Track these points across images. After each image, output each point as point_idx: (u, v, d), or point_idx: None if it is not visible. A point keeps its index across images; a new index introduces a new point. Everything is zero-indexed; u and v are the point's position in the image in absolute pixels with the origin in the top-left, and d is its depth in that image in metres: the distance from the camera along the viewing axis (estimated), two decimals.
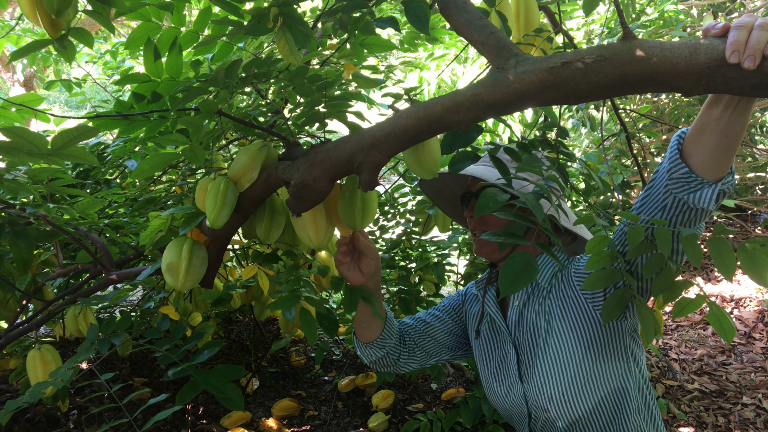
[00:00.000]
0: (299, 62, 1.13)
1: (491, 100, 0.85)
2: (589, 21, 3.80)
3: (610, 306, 1.01)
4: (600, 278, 0.97)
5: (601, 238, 0.91)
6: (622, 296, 1.00)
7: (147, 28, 1.30)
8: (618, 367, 1.19)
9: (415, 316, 1.50)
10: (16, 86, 5.37)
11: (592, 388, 1.17)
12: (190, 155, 1.09)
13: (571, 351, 1.19)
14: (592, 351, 1.18)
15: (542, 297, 1.27)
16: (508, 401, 1.32)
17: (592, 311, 1.19)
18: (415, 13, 1.00)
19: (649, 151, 4.44)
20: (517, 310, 1.30)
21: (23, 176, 1.28)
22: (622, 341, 1.20)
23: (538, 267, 0.79)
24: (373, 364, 1.42)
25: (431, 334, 1.45)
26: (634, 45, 0.79)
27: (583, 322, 1.19)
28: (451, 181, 1.50)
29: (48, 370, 1.41)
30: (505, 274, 0.79)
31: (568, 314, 1.21)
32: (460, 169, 0.98)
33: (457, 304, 1.51)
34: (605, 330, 1.18)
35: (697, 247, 0.81)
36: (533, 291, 1.29)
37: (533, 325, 1.26)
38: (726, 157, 0.90)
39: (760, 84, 0.74)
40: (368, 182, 0.96)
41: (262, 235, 1.20)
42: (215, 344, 1.26)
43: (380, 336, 1.35)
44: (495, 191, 0.85)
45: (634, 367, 1.22)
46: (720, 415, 2.71)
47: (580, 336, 1.19)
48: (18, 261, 1.46)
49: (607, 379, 1.18)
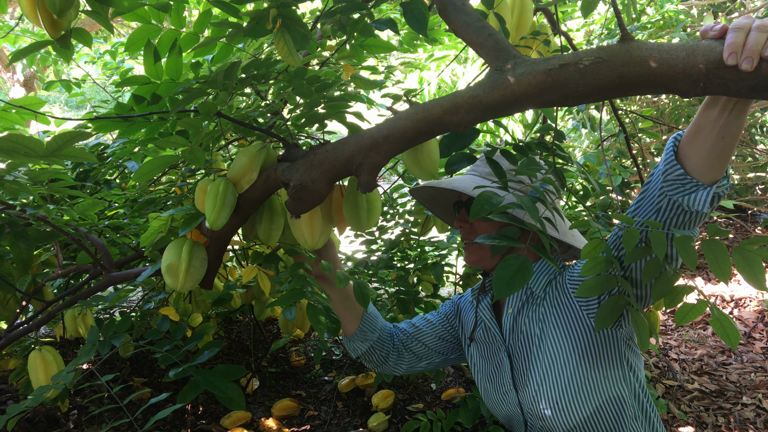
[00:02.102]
0: (298, 63, 1.13)
1: (490, 101, 0.86)
2: (589, 22, 3.80)
3: (604, 313, 0.99)
4: (595, 285, 0.95)
5: (597, 242, 0.89)
6: (616, 303, 0.98)
7: (147, 30, 1.31)
8: (613, 375, 1.17)
9: (410, 321, 1.51)
10: (16, 86, 5.37)
11: (587, 396, 1.16)
12: (190, 157, 1.09)
13: (565, 359, 1.17)
14: (586, 359, 1.16)
15: (536, 304, 1.25)
16: (504, 408, 1.31)
17: (586, 319, 1.18)
18: (414, 15, 1.00)
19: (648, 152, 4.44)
20: (511, 317, 1.28)
21: (23, 177, 1.29)
22: (617, 349, 1.18)
23: (533, 269, 0.78)
24: (362, 360, 1.44)
25: (420, 338, 1.46)
26: (632, 47, 0.79)
27: (578, 330, 1.18)
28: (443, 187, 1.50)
29: (49, 370, 1.42)
30: (500, 277, 0.78)
31: (563, 322, 1.20)
32: (457, 170, 0.98)
33: (450, 312, 1.51)
34: (600, 338, 1.17)
35: (692, 249, 0.80)
36: (527, 298, 1.27)
37: (527, 332, 1.25)
38: (722, 160, 0.89)
39: (758, 86, 0.74)
40: (367, 184, 0.97)
41: (263, 237, 1.21)
42: (215, 344, 1.27)
43: (360, 329, 1.38)
44: (490, 194, 0.84)
45: (630, 374, 1.20)
46: (720, 415, 2.71)
47: (574, 344, 1.17)
48: (18, 262, 1.46)
49: (603, 388, 1.16)
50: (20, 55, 1.16)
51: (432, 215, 2.01)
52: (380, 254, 2.28)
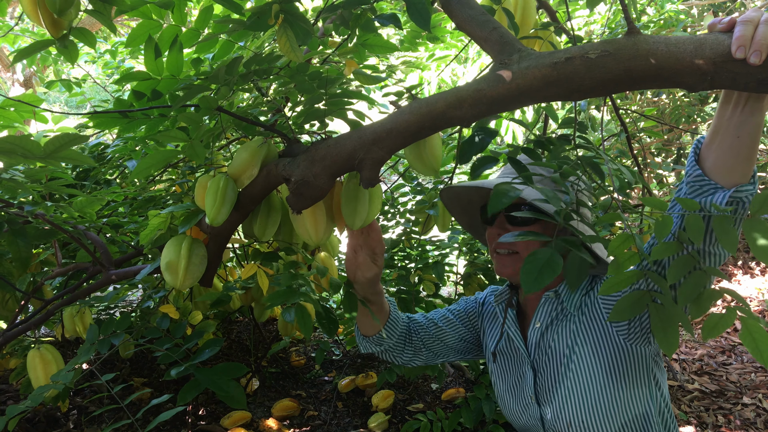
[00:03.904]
0: (300, 59, 1.12)
1: (494, 95, 0.85)
2: (590, 21, 3.80)
3: (623, 306, 0.89)
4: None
5: (625, 236, 0.81)
6: (639, 299, 0.88)
7: (148, 26, 1.30)
8: (640, 393, 1.15)
9: (428, 315, 1.46)
10: (16, 86, 5.36)
11: (614, 414, 1.14)
12: (190, 152, 1.08)
13: (593, 377, 1.15)
14: (613, 377, 1.14)
15: (567, 320, 1.22)
16: (523, 419, 1.30)
17: (616, 336, 1.15)
18: (417, 10, 0.99)
19: (649, 152, 4.44)
20: (539, 332, 1.26)
21: (21, 175, 1.28)
22: (645, 366, 1.16)
23: (562, 262, 0.75)
24: (375, 353, 1.40)
25: (440, 337, 1.42)
26: (639, 40, 0.79)
27: (607, 348, 1.16)
28: (471, 189, 1.41)
29: (48, 369, 1.41)
30: (528, 271, 0.73)
31: (592, 339, 1.18)
32: (481, 173, 0.96)
33: (473, 310, 1.47)
34: (629, 356, 1.14)
35: (732, 230, 0.73)
36: (557, 315, 1.24)
37: (555, 348, 1.22)
38: (741, 161, 0.87)
39: (766, 80, 0.73)
40: (369, 179, 0.96)
41: (257, 232, 1.19)
42: (216, 343, 1.26)
43: (378, 334, 1.33)
44: (507, 187, 0.80)
45: (656, 391, 1.18)
46: (720, 415, 2.70)
47: (602, 361, 1.15)
48: (17, 260, 1.45)
49: (629, 406, 1.14)
50: (22, 55, 1.15)
51: (433, 215, 1.98)
52: None
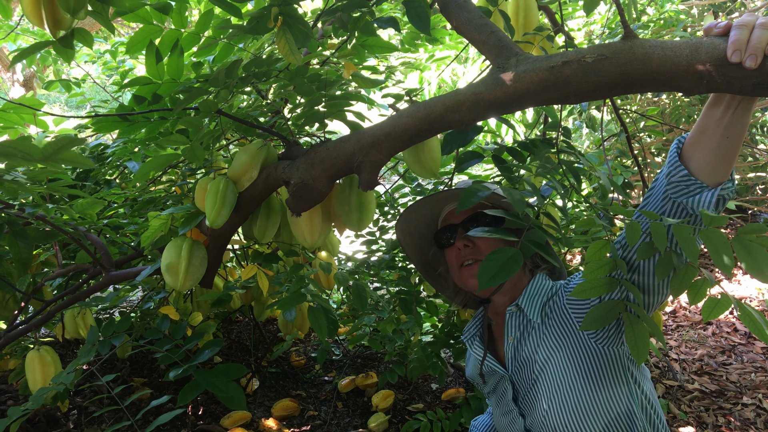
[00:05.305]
0: (299, 62, 1.13)
1: (492, 99, 0.85)
2: (590, 21, 3.80)
3: (594, 317, 0.93)
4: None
5: (602, 243, 0.84)
6: (610, 308, 0.92)
7: (149, 31, 1.30)
8: (619, 392, 1.15)
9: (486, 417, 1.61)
10: (16, 86, 5.37)
11: (595, 416, 1.14)
12: (190, 155, 1.09)
13: (569, 382, 1.15)
14: (590, 380, 1.14)
15: (535, 331, 1.23)
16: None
17: (587, 339, 1.16)
18: (416, 13, 1.00)
19: (649, 152, 4.44)
20: (512, 346, 1.26)
21: (22, 177, 1.28)
22: (621, 366, 1.16)
23: (522, 261, 0.76)
24: None
25: None
26: (636, 44, 0.79)
27: (580, 352, 1.16)
28: (420, 221, 1.39)
29: (47, 371, 1.41)
30: (486, 267, 0.75)
31: (564, 345, 1.18)
32: (466, 168, 0.97)
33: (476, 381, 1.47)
34: (602, 357, 1.15)
35: (691, 239, 0.75)
36: (525, 327, 1.25)
37: (529, 359, 1.23)
38: (726, 161, 0.88)
39: (762, 83, 0.74)
40: (368, 182, 0.96)
41: (257, 234, 1.20)
42: (216, 343, 1.26)
43: None
44: (477, 187, 0.82)
45: (636, 388, 1.19)
46: (720, 415, 2.70)
47: (577, 366, 1.15)
48: (17, 261, 1.46)
49: (609, 406, 1.14)
50: (22, 55, 1.15)
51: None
52: (381, 254, 2.28)
